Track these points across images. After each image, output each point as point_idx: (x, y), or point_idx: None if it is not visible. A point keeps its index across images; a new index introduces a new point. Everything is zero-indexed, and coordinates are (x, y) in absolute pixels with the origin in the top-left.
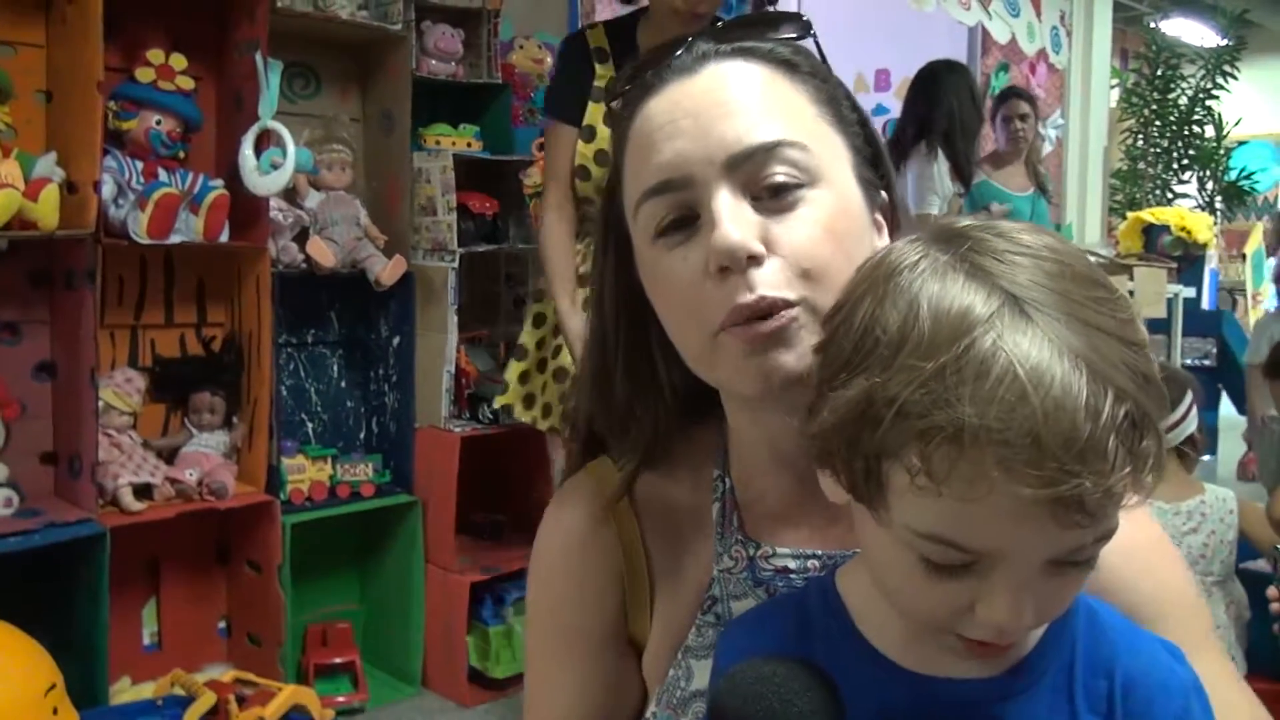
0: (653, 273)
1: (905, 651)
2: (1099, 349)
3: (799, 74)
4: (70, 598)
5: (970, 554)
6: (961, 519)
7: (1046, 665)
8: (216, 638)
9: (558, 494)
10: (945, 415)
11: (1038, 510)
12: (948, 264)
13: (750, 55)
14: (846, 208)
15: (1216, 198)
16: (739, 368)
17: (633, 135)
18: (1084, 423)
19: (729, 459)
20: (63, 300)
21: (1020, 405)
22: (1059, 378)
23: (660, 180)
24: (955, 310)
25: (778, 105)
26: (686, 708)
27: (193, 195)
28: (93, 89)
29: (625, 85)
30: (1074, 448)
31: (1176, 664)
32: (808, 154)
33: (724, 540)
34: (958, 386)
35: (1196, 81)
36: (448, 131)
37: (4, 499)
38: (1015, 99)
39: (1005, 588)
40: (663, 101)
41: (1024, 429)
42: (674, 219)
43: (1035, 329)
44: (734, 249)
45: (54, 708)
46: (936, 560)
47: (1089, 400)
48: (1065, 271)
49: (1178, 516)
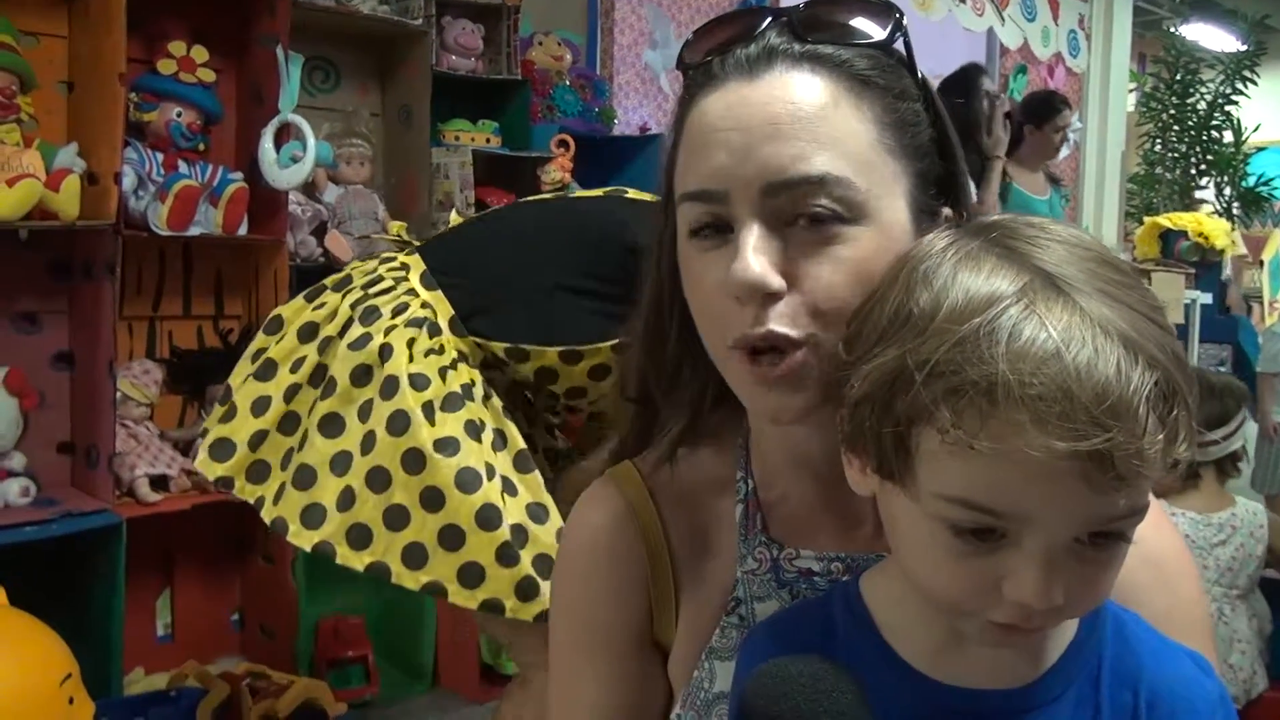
0: (687, 266)
1: (930, 660)
2: (1131, 322)
3: (870, 93)
4: (86, 588)
5: (999, 518)
6: (992, 478)
7: (1073, 677)
8: (230, 630)
9: (584, 494)
10: (979, 371)
11: (1069, 467)
12: (979, 247)
13: (819, 65)
14: (886, 246)
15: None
16: (749, 395)
17: (688, 127)
18: (1115, 381)
19: (751, 460)
20: (82, 291)
21: (1053, 361)
22: (1090, 340)
23: (699, 189)
24: (988, 283)
25: (834, 133)
26: (710, 710)
27: (212, 188)
28: (114, 80)
29: (693, 62)
30: (1105, 402)
31: (1204, 677)
32: (854, 190)
33: (748, 542)
34: (991, 346)
35: (1215, 87)
36: (467, 127)
37: (21, 488)
38: (1066, 110)
39: (1033, 563)
40: (719, 103)
41: (1056, 383)
42: (709, 222)
43: (1067, 299)
44: (752, 284)
45: (70, 697)
46: (966, 526)
47: (1120, 363)
48: (1095, 256)
49: (1209, 528)
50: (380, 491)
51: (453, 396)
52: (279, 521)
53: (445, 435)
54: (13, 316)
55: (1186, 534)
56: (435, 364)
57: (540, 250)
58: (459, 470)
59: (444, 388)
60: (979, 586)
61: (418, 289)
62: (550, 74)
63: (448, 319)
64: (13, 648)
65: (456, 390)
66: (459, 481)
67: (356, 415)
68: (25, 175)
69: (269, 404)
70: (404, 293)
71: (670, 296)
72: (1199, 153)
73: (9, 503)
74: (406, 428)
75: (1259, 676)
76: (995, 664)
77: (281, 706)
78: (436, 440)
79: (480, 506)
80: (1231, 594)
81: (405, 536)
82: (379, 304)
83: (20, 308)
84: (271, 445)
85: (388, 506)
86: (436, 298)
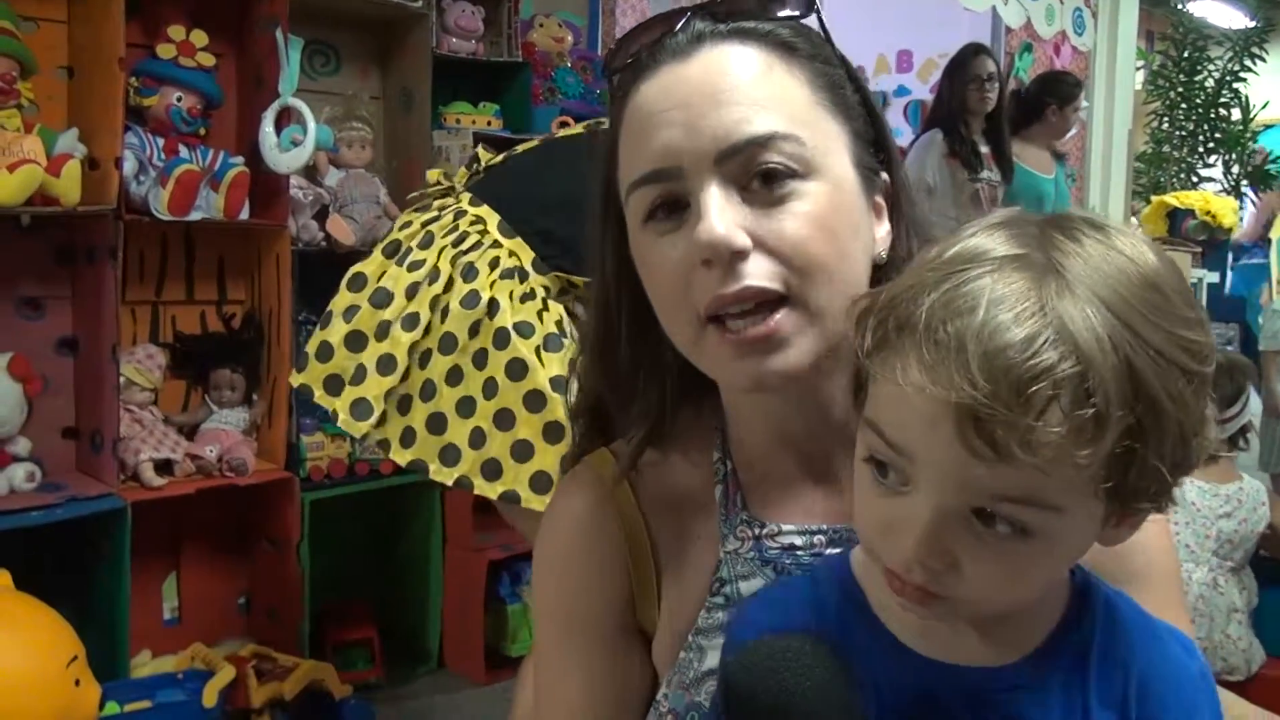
0: (643, 258)
1: (919, 636)
2: (1109, 334)
3: (798, 57)
4: (92, 572)
5: (896, 453)
6: (890, 407)
7: (1060, 656)
8: (236, 613)
9: (560, 484)
10: (909, 309)
11: (947, 419)
12: (1023, 226)
13: (747, 38)
14: (840, 199)
15: (1242, 182)
16: (729, 366)
17: (627, 118)
18: (1015, 351)
19: (728, 441)
20: (84, 276)
21: (968, 316)
22: (1020, 313)
23: (651, 170)
24: (984, 247)
25: (772, 94)
26: (699, 686)
27: (213, 172)
28: (114, 65)
29: (621, 61)
30: (995, 368)
31: (1188, 657)
32: (801, 146)
33: (729, 522)
34: (933, 292)
35: (1223, 64)
36: (468, 110)
37: (26, 473)
38: (1079, 90)
39: (921, 517)
40: (655, 86)
41: (958, 335)
42: (664, 203)
43: (1046, 284)
44: (718, 242)
45: (76, 679)
46: (874, 455)
47: (1035, 340)
48: (1138, 278)
49: (1216, 498)
50: (506, 430)
51: (551, 337)
52: (417, 462)
53: (556, 374)
54: (16, 302)
55: (1193, 501)
56: (533, 309)
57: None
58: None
59: (543, 329)
60: (879, 527)
61: (500, 239)
62: (551, 56)
63: (530, 261)
64: (19, 631)
65: (554, 331)
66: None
67: (472, 363)
68: (26, 161)
69: (393, 363)
70: (490, 245)
71: (617, 300)
72: (1207, 131)
73: (14, 488)
74: (525, 372)
75: (1256, 648)
76: (984, 641)
77: (287, 688)
78: (551, 379)
79: None
80: (1226, 566)
81: (531, 466)
82: (473, 260)
83: (23, 293)
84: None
85: (514, 442)
86: (517, 244)
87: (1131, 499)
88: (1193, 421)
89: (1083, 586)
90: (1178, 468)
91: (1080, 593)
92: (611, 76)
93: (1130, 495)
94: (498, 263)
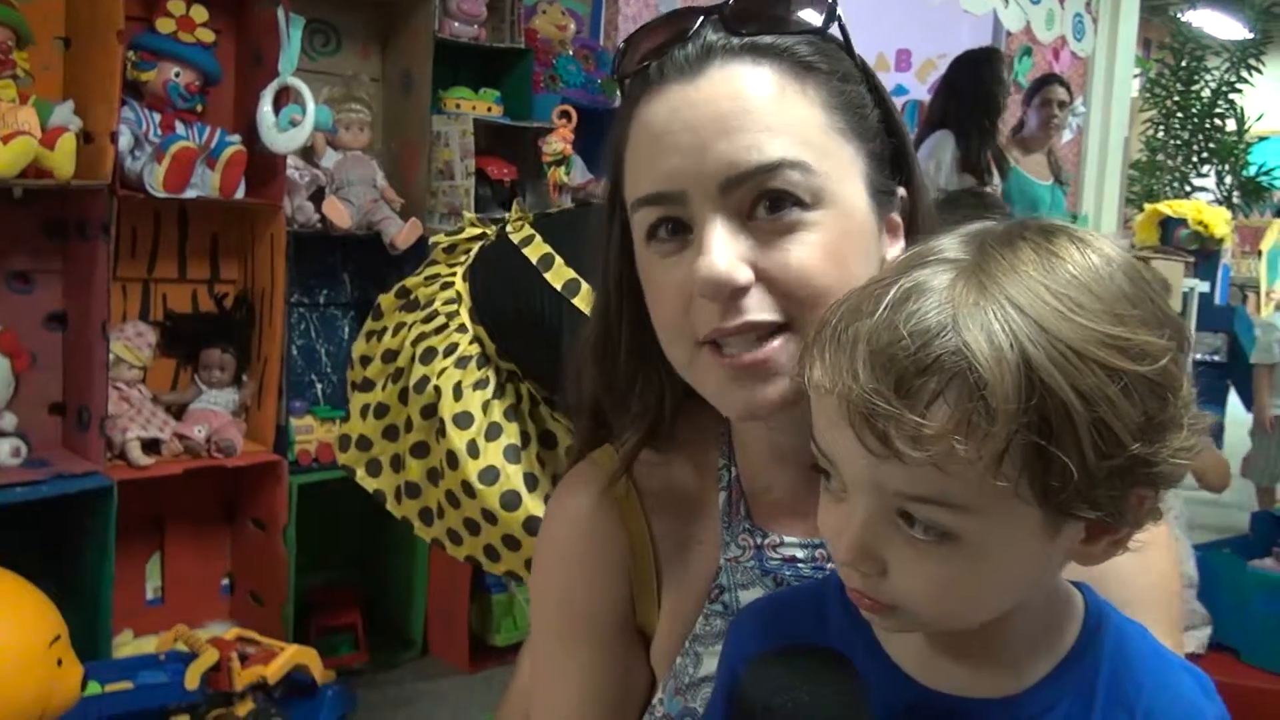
0: (646, 274)
1: (919, 664)
2: (1009, 328)
3: (814, 76)
4: (76, 550)
5: (824, 456)
6: (815, 412)
7: (1063, 691)
8: (219, 595)
9: (562, 482)
10: (828, 315)
11: (844, 419)
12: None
13: (761, 56)
14: (850, 226)
15: (1234, 193)
16: (722, 391)
17: (633, 132)
18: (903, 352)
19: (733, 448)
20: (76, 251)
21: (867, 316)
22: (914, 312)
23: (655, 191)
24: (929, 252)
25: (783, 119)
26: (695, 692)
27: (210, 150)
28: (112, 37)
29: (630, 67)
30: (879, 363)
31: (1205, 700)
32: (810, 173)
33: (731, 529)
34: (853, 296)
35: (1220, 74)
36: (468, 95)
37: (12, 449)
38: (1055, 85)
39: (856, 522)
40: (663, 106)
41: (854, 333)
42: (667, 220)
43: (955, 288)
44: (719, 280)
45: (58, 659)
46: (816, 461)
47: (928, 339)
48: (1067, 277)
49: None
50: (456, 508)
51: (493, 426)
52: (406, 519)
53: (486, 466)
54: (5, 275)
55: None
56: (479, 399)
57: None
58: (501, 495)
59: (485, 419)
60: (830, 534)
61: (467, 324)
62: (553, 44)
63: (493, 350)
64: (1, 609)
65: (498, 420)
66: (503, 503)
67: (435, 440)
68: (20, 132)
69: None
70: (455, 329)
71: (619, 309)
72: (1201, 141)
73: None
74: (457, 464)
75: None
76: (985, 672)
77: (271, 673)
78: (480, 472)
79: (524, 519)
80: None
81: (481, 540)
82: (434, 344)
83: (13, 267)
84: (381, 449)
85: (464, 519)
86: (484, 331)
87: (1066, 506)
88: (1128, 423)
89: (1095, 617)
90: (1127, 474)
91: (1092, 624)
92: (621, 81)
93: (1060, 501)
94: (455, 348)
